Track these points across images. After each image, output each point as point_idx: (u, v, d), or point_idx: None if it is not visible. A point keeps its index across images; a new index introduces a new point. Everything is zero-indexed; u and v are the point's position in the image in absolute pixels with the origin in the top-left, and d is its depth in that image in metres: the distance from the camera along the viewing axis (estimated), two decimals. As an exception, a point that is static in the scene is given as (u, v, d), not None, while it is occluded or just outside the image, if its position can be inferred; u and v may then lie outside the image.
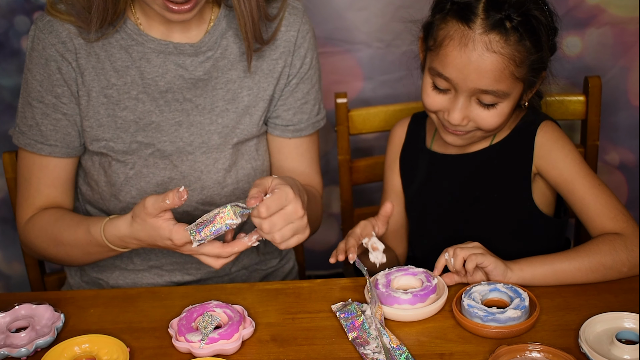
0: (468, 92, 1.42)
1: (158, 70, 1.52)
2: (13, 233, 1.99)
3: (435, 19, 1.46)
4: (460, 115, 1.44)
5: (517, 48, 1.39)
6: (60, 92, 1.51)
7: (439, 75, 1.44)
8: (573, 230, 1.90)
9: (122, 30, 1.50)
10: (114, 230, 1.41)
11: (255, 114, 1.57)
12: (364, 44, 2.12)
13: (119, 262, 1.62)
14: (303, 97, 1.61)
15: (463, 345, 1.26)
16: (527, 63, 1.41)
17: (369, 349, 1.26)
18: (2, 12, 1.98)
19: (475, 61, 1.38)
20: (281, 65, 1.57)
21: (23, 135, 1.54)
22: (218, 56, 1.54)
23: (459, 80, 1.41)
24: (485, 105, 1.43)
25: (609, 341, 1.23)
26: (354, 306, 1.35)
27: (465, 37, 1.39)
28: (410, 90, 2.12)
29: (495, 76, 1.39)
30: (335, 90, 1.93)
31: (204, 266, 1.62)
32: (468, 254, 1.37)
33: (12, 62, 2.02)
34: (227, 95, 1.55)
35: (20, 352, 1.27)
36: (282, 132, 1.62)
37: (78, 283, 1.68)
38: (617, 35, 2.09)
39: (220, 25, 1.54)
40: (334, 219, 2.30)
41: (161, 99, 1.52)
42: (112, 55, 1.50)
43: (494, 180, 1.55)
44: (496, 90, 1.40)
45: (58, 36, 1.49)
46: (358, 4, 2.08)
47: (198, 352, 1.26)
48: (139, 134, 1.52)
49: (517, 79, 1.42)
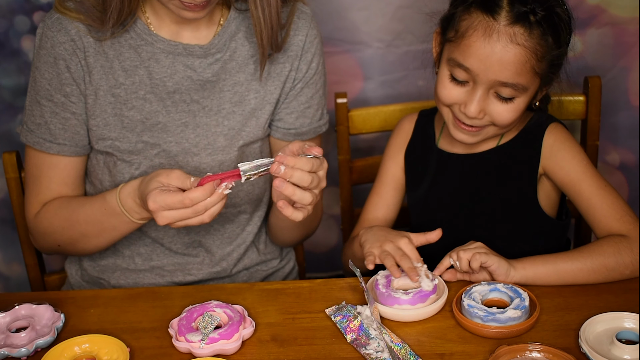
0: (487, 84, 1.42)
1: (167, 71, 1.52)
2: (13, 233, 1.99)
3: (457, 11, 1.46)
4: (477, 107, 1.43)
5: (539, 42, 1.39)
6: (69, 90, 1.51)
7: (458, 66, 1.43)
8: (573, 231, 1.90)
9: (132, 30, 1.50)
10: (128, 188, 1.42)
11: (262, 117, 1.57)
12: (364, 44, 2.12)
13: (121, 261, 1.62)
14: (307, 101, 1.61)
15: (463, 345, 1.26)
16: (547, 58, 1.42)
17: (370, 348, 1.26)
18: (2, 12, 1.97)
19: (498, 52, 1.39)
20: (288, 69, 1.57)
21: (31, 133, 1.54)
22: (227, 58, 1.54)
23: (480, 71, 1.41)
24: (503, 99, 1.43)
25: (609, 341, 1.23)
26: (349, 308, 1.35)
27: (489, 28, 1.39)
28: (410, 90, 2.12)
29: (517, 69, 1.39)
30: (336, 90, 1.93)
31: (205, 266, 1.62)
32: (471, 254, 1.37)
33: (12, 62, 2.02)
34: (234, 97, 1.55)
35: (20, 352, 1.27)
36: (284, 136, 1.62)
37: (79, 282, 1.68)
38: (618, 36, 2.09)
39: (229, 27, 1.54)
40: (334, 221, 2.29)
41: (168, 99, 1.52)
42: (121, 54, 1.50)
43: (499, 181, 1.54)
44: (516, 83, 1.40)
45: (67, 34, 1.48)
46: (358, 4, 2.08)
47: (198, 352, 1.26)
48: (145, 134, 1.52)
49: (537, 73, 1.42)
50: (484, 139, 1.52)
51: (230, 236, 1.63)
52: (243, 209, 1.62)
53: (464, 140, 1.50)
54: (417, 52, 2.08)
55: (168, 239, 1.60)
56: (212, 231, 1.61)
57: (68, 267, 1.70)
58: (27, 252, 1.78)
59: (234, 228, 1.63)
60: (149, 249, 1.61)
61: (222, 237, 1.62)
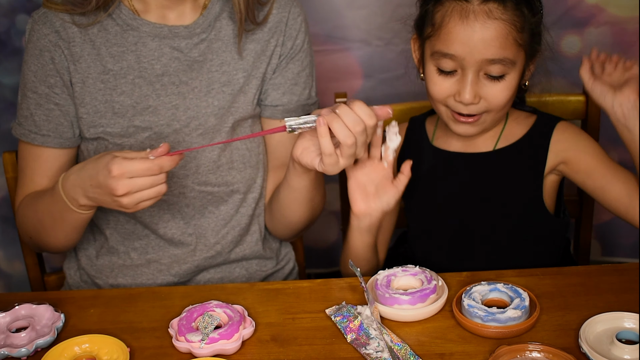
0: (475, 65, 1.42)
1: (154, 54, 1.53)
2: (14, 232, 1.99)
3: (429, 6, 1.48)
4: (472, 92, 1.44)
5: (515, 13, 1.42)
6: (53, 82, 1.53)
7: (444, 56, 1.44)
8: (573, 230, 1.90)
9: (117, 16, 1.52)
10: (71, 172, 1.42)
11: (249, 92, 1.59)
12: (363, 42, 2.12)
13: (117, 258, 1.63)
14: (293, 77, 1.62)
15: (463, 345, 1.26)
16: (527, 28, 1.44)
17: (370, 348, 1.26)
18: (3, 10, 1.98)
19: (479, 31, 1.41)
20: (273, 45, 1.60)
21: (20, 126, 1.57)
22: (212, 37, 1.56)
23: (465, 54, 1.42)
24: (494, 79, 1.44)
25: (609, 341, 1.23)
26: (349, 308, 1.35)
27: (464, 10, 1.41)
28: (410, 89, 2.12)
29: (501, 43, 1.41)
30: (335, 88, 1.94)
31: (199, 252, 1.62)
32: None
33: (14, 61, 2.02)
34: (223, 77, 1.57)
35: (20, 352, 1.27)
36: (272, 113, 1.63)
37: (77, 283, 1.68)
38: (617, 35, 2.10)
39: (213, 8, 1.57)
40: (334, 216, 2.30)
41: (157, 82, 1.54)
42: (108, 40, 1.52)
43: (502, 181, 1.55)
44: (503, 58, 1.42)
45: (52, 26, 1.51)
46: (357, 3, 2.08)
47: (198, 352, 1.26)
48: (136, 119, 1.53)
49: (520, 45, 1.43)
50: (483, 130, 1.52)
51: (224, 217, 1.63)
52: (236, 187, 1.62)
53: (465, 132, 1.50)
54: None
55: (163, 224, 1.60)
56: (207, 213, 1.62)
57: (67, 268, 1.71)
58: (27, 251, 1.78)
59: (228, 209, 1.63)
60: (144, 242, 1.62)
61: (216, 219, 1.63)
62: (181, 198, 1.58)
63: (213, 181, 1.59)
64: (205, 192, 1.59)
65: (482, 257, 1.57)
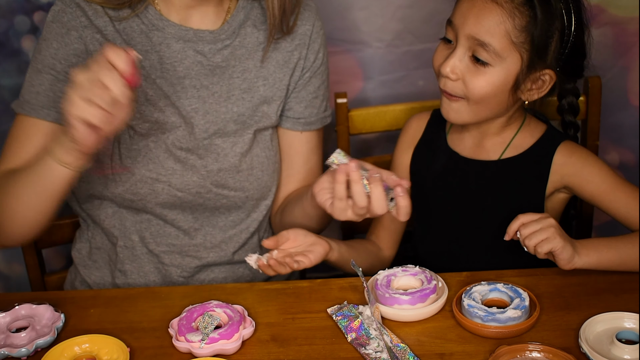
0: (465, 40, 1.43)
1: (177, 56, 1.53)
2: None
3: None
4: (452, 63, 1.44)
5: (519, 8, 1.41)
6: (75, 61, 1.50)
7: (448, 24, 1.48)
8: (573, 230, 1.89)
9: (143, 16, 1.52)
10: None
11: (274, 103, 1.60)
12: (364, 44, 2.12)
13: (114, 256, 1.62)
14: (314, 91, 1.64)
15: (463, 345, 1.26)
16: (526, 32, 1.42)
17: (370, 348, 1.26)
18: (2, 11, 1.97)
19: (477, 6, 1.42)
20: (296, 57, 1.60)
21: (27, 103, 1.51)
22: (236, 44, 1.57)
23: (459, 24, 1.44)
24: (479, 65, 1.43)
25: (609, 341, 1.23)
26: (350, 308, 1.35)
27: None
28: (410, 90, 2.12)
29: (491, 28, 1.41)
30: (335, 89, 1.93)
31: (203, 248, 1.62)
32: (541, 238, 1.36)
33: (13, 62, 2.02)
34: (243, 84, 1.57)
35: (20, 352, 1.27)
36: (293, 125, 1.64)
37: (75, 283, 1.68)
38: (617, 35, 2.09)
39: (239, 15, 1.57)
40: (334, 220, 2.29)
41: (178, 84, 1.54)
42: (133, 39, 1.52)
43: (504, 191, 1.54)
44: (488, 42, 1.41)
45: (84, 13, 1.50)
46: (358, 4, 2.08)
47: (198, 352, 1.26)
48: (152, 117, 1.53)
49: (514, 44, 1.42)
50: (464, 121, 1.51)
51: (234, 220, 1.63)
52: (251, 194, 1.62)
53: (447, 115, 1.50)
54: (417, 52, 2.08)
55: (172, 216, 1.59)
56: (218, 213, 1.62)
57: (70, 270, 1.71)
58: (27, 251, 1.78)
59: (240, 213, 1.63)
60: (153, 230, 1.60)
61: (225, 220, 1.63)
62: (197, 197, 1.57)
63: (231, 185, 1.59)
64: (221, 196, 1.58)
65: (484, 260, 1.57)
